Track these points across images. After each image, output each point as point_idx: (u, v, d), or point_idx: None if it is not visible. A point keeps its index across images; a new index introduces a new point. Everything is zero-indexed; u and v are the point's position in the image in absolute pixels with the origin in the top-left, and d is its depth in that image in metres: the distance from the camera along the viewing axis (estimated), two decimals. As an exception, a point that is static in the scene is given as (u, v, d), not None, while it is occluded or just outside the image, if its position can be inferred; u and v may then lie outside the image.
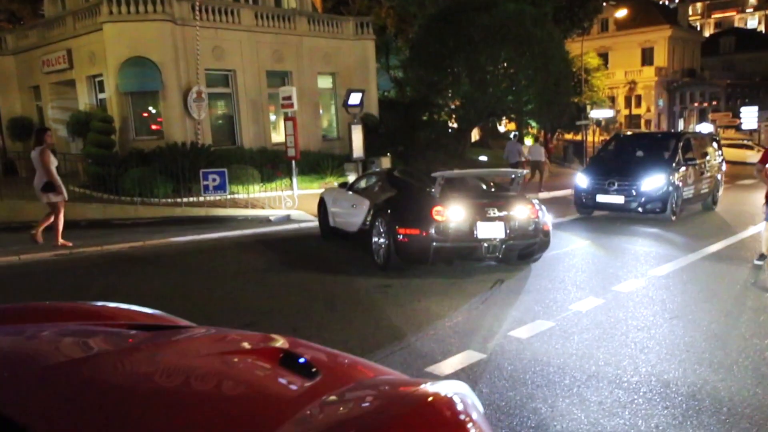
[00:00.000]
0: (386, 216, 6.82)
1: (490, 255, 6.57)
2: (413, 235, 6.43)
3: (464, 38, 22.87)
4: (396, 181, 7.91)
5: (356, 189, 8.63)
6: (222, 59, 17.36)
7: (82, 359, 1.53)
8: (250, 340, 1.83)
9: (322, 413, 1.32)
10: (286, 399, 1.41)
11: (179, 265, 8.02)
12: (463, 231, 6.42)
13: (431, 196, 6.72)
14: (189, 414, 1.29)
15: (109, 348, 1.63)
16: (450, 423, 1.34)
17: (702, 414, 3.36)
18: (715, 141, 14.83)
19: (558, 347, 4.45)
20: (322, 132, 20.65)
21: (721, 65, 62.82)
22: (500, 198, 6.97)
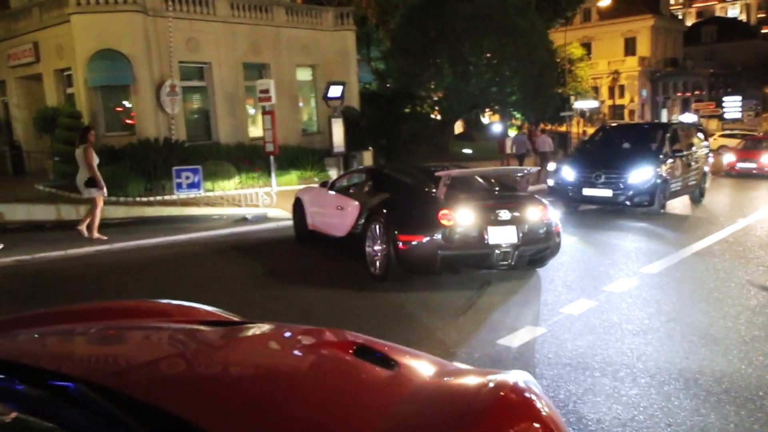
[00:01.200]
0: (384, 220, 6.07)
1: (502, 262, 5.87)
2: (417, 243, 5.72)
3: (447, 28, 22.61)
4: (389, 180, 7.17)
5: (340, 188, 7.84)
6: (196, 51, 16.89)
7: (186, 352, 1.68)
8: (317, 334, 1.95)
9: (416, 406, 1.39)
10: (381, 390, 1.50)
11: (146, 273, 7.65)
12: (472, 237, 5.75)
13: (435, 198, 6.00)
14: (311, 399, 1.39)
15: (199, 343, 1.80)
16: (532, 409, 1.48)
17: (709, 431, 3.14)
18: (700, 131, 14.75)
19: (551, 356, 4.21)
20: (301, 126, 20.26)
21: (703, 55, 63.33)
22: (510, 199, 6.25)
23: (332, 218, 7.44)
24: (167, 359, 1.59)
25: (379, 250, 6.19)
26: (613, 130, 14.76)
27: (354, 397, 1.44)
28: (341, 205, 7.20)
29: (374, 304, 5.59)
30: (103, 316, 2.11)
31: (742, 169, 19.18)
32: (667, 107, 52.97)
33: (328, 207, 7.62)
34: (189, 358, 1.63)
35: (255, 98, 16.07)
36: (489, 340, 4.55)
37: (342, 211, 7.13)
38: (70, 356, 1.66)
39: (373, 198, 6.69)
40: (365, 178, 7.43)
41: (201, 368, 1.59)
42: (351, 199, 7.09)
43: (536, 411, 1.48)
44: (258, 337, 1.90)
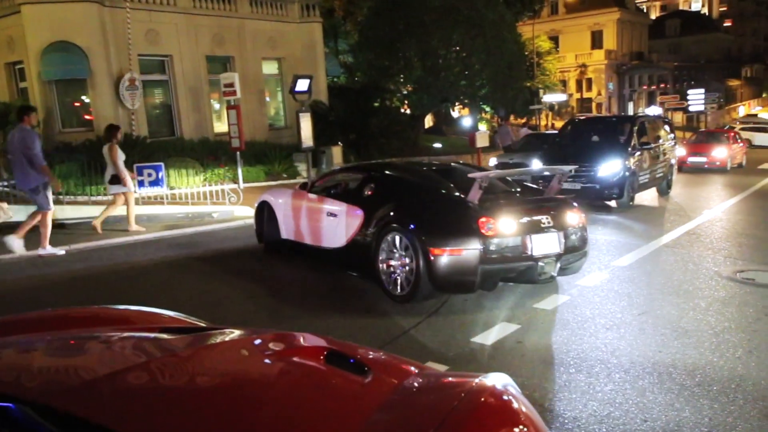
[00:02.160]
0: (408, 231, 5.19)
1: (545, 275, 5.24)
2: (455, 257, 4.94)
3: (415, 21, 22.58)
4: (397, 181, 6.16)
5: (325, 191, 6.74)
6: (157, 44, 16.49)
7: (144, 364, 1.58)
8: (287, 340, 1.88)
9: (394, 413, 1.36)
10: (355, 398, 1.46)
11: (93, 290, 7.41)
12: (516, 247, 5.05)
13: (467, 204, 5.21)
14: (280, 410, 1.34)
15: (158, 354, 1.70)
16: (513, 412, 1.47)
17: (683, 426, 3.15)
18: (666, 124, 15.05)
19: (525, 353, 4.20)
20: (268, 120, 20.00)
21: (668, 48, 64.81)
22: (547, 203, 5.58)
23: (320, 227, 6.41)
24: (125, 373, 1.49)
25: (397, 266, 5.34)
26: (582, 123, 14.96)
27: (326, 406, 1.40)
28: (333, 212, 6.19)
29: (346, 303, 5.51)
30: (57, 326, 2.00)
31: (692, 163, 18.76)
32: (633, 100, 54.06)
33: (314, 213, 6.55)
34: (150, 371, 1.54)
35: (219, 92, 15.78)
36: (463, 338, 4.52)
37: (335, 218, 6.13)
38: (12, 372, 1.53)
39: (380, 203, 5.71)
40: (364, 178, 6.34)
41: (163, 381, 1.51)
42: (348, 204, 6.05)
43: (517, 415, 1.47)
44: (225, 345, 1.82)
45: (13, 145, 7.62)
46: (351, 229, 5.87)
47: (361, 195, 6.06)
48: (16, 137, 7.61)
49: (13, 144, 7.61)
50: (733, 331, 4.57)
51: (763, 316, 4.89)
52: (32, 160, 7.49)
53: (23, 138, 7.54)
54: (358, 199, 6.02)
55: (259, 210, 7.67)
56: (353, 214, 5.90)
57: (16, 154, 7.60)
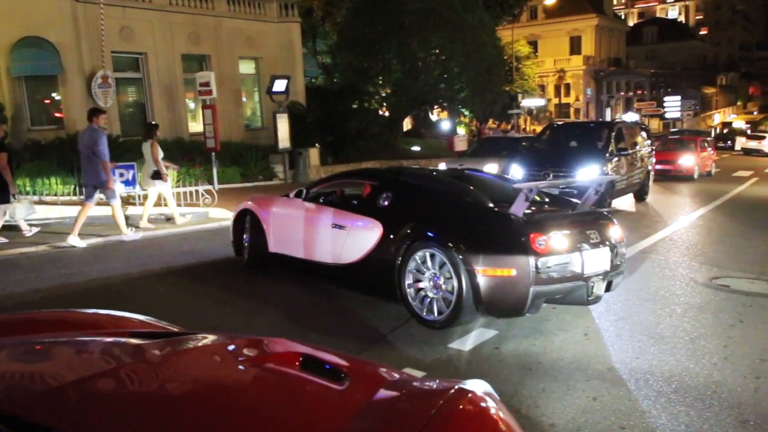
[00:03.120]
0: (447, 248, 4.60)
1: (594, 296, 4.77)
2: (505, 278, 4.40)
3: (395, 23, 22.62)
4: (418, 191, 5.49)
5: (325, 200, 6.11)
6: (131, 41, 16.27)
7: (110, 371, 1.53)
8: (261, 345, 1.84)
9: (370, 421, 1.33)
10: (330, 405, 1.43)
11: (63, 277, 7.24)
12: (569, 265, 4.56)
13: (509, 217, 4.62)
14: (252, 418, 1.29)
15: (127, 359, 1.65)
16: (491, 419, 1.46)
17: (660, 434, 3.18)
18: (644, 130, 15.31)
19: (502, 359, 4.20)
20: (244, 121, 19.86)
21: (645, 55, 66.11)
22: (591, 217, 5.12)
23: (323, 240, 5.70)
24: (94, 379, 1.44)
25: (429, 287, 4.78)
26: (561, 128, 15.17)
27: (301, 414, 1.36)
28: (341, 223, 5.51)
29: (322, 308, 5.47)
30: (22, 330, 1.93)
31: (658, 171, 17.95)
32: (611, 106, 54.93)
33: (313, 225, 5.84)
34: (119, 377, 1.50)
35: (195, 91, 15.64)
36: (440, 343, 4.51)
37: (344, 231, 5.45)
38: None
39: (404, 215, 5.14)
40: (377, 187, 5.63)
41: (133, 388, 1.47)
42: (361, 215, 5.41)
43: (496, 423, 1.46)
44: (198, 350, 1.78)
45: (83, 143, 8.41)
46: (366, 243, 5.21)
47: (376, 205, 5.37)
48: (86, 135, 8.41)
49: (83, 142, 8.42)
50: (709, 337, 4.64)
51: (737, 323, 4.97)
52: (98, 156, 8.25)
53: (92, 136, 8.31)
54: (372, 210, 5.34)
55: (239, 219, 6.89)
56: (368, 227, 5.23)
57: (85, 151, 8.36)
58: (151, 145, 9.60)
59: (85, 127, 8.72)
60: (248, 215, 6.72)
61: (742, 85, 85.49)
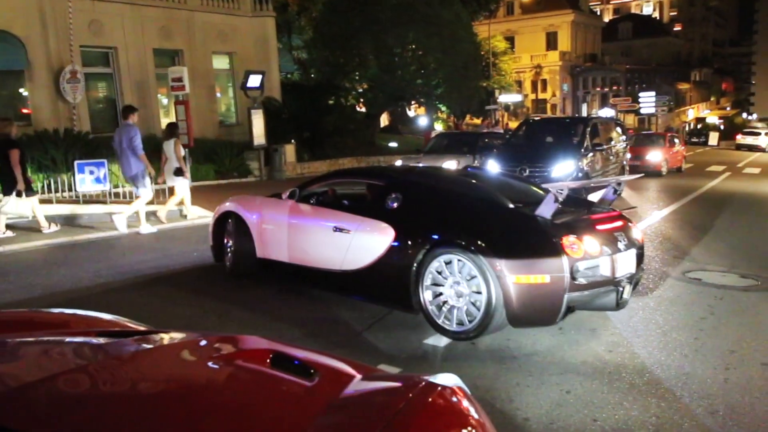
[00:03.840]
0: (473, 253, 4.28)
1: (623, 300, 4.58)
2: (539, 284, 4.15)
3: (371, 18, 22.61)
4: (435, 192, 5.17)
5: (322, 201, 5.77)
6: (101, 35, 16.00)
7: (77, 369, 1.52)
8: (232, 343, 1.84)
9: (339, 416, 1.35)
10: (298, 401, 1.44)
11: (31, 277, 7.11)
12: (601, 270, 4.34)
13: (540, 220, 4.38)
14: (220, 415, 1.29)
15: (94, 358, 1.64)
16: (461, 412, 1.48)
17: (632, 425, 3.24)
18: (619, 126, 15.52)
19: (477, 354, 4.24)
20: (219, 117, 19.68)
21: (620, 50, 67.00)
22: (616, 218, 4.90)
23: (323, 245, 5.30)
24: (58, 378, 1.42)
25: (451, 295, 4.46)
26: (537, 124, 15.31)
27: (269, 410, 1.38)
28: (344, 227, 5.11)
29: (298, 305, 5.45)
30: None
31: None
32: (587, 102, 55.61)
33: (311, 228, 5.47)
34: (84, 376, 1.48)
35: (167, 87, 15.43)
36: (416, 339, 4.53)
37: (348, 235, 5.07)
38: None
39: (419, 217, 4.84)
40: (384, 187, 5.26)
41: (98, 387, 1.45)
42: (367, 217, 5.02)
43: (465, 416, 1.48)
44: (166, 348, 1.78)
45: (119, 139, 8.96)
46: (374, 248, 4.85)
47: (385, 206, 5.00)
48: (123, 132, 8.96)
49: (120, 138, 8.96)
50: (681, 330, 4.73)
51: (708, 315, 5.08)
52: (135, 151, 8.85)
53: (128, 132, 8.89)
54: (381, 212, 4.98)
55: (220, 222, 6.38)
56: (376, 231, 4.88)
57: (122, 147, 8.91)
58: (175, 143, 9.90)
59: (120, 125, 9.24)
60: (231, 218, 6.20)
61: (715, 81, 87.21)
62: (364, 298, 5.21)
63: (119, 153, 9.06)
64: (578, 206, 5.13)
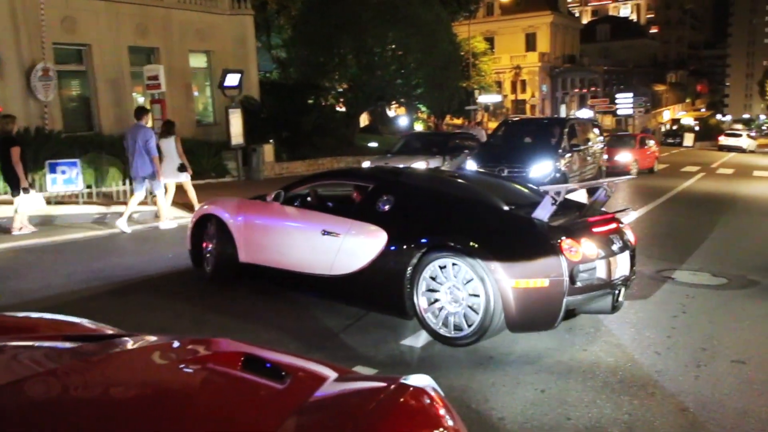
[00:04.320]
0: (470, 257, 4.22)
1: (619, 303, 4.61)
2: (539, 288, 4.10)
3: (351, 17, 22.59)
4: (428, 194, 5.09)
5: (307, 203, 5.68)
6: (74, 32, 15.75)
7: (44, 374, 1.49)
8: (203, 346, 1.84)
9: (309, 417, 1.35)
10: (268, 404, 1.44)
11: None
12: (598, 273, 4.33)
13: (536, 223, 4.34)
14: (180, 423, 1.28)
15: (62, 362, 1.61)
16: (431, 413, 1.49)
17: (604, 423, 3.29)
18: (596, 127, 15.71)
19: (454, 355, 4.27)
20: (196, 116, 19.50)
21: (598, 52, 67.81)
22: (610, 221, 4.82)
23: (310, 249, 5.17)
24: (23, 383, 1.41)
25: (448, 300, 4.38)
26: (515, 124, 15.44)
27: (238, 413, 1.37)
28: (332, 230, 5.00)
29: (275, 307, 5.43)
30: None
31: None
32: (566, 103, 56.18)
33: (297, 232, 5.34)
34: (51, 381, 1.46)
35: (143, 85, 15.26)
36: (393, 340, 4.55)
37: (336, 238, 4.95)
38: None
39: (412, 220, 4.77)
40: (374, 189, 5.13)
41: (66, 391, 1.43)
42: (357, 220, 4.92)
43: (436, 416, 1.49)
44: (135, 352, 1.76)
45: (132, 139, 9.18)
46: (366, 252, 4.75)
47: (376, 209, 4.89)
48: (137, 133, 9.15)
49: (133, 138, 9.18)
50: (654, 328, 4.82)
51: (680, 314, 5.18)
52: (149, 152, 9.10)
53: (143, 134, 9.15)
54: (372, 214, 4.87)
55: (198, 225, 6.22)
56: (368, 234, 4.78)
57: (135, 147, 9.12)
58: (176, 141, 10.11)
59: (132, 125, 9.50)
60: (211, 221, 6.03)
61: (690, 83, 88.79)
62: (355, 303, 5.11)
63: (132, 153, 9.23)
64: (571, 208, 5.07)
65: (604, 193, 5.04)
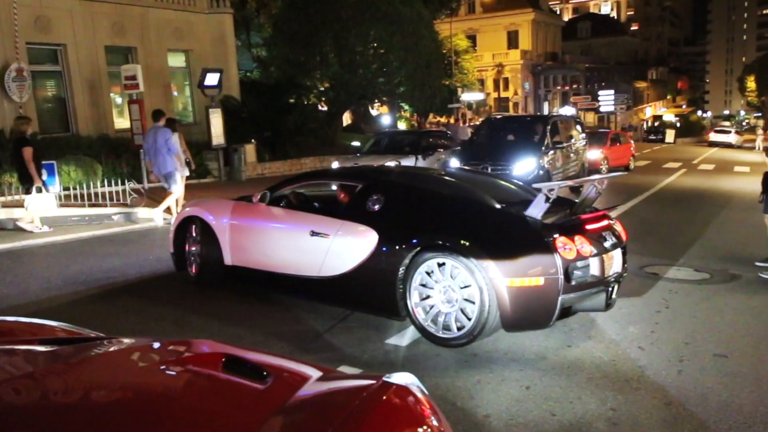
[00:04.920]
0: (463, 256, 4.18)
1: (611, 300, 4.57)
2: (534, 287, 4.08)
3: (331, 15, 22.54)
4: (419, 193, 5.02)
5: (295, 204, 5.61)
6: (48, 32, 15.52)
7: (21, 377, 1.48)
8: (183, 347, 1.83)
9: (291, 417, 1.35)
10: (248, 404, 1.42)
11: None
12: (593, 269, 4.33)
13: (529, 220, 4.33)
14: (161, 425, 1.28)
15: (39, 365, 1.59)
16: (415, 411, 1.50)
17: (589, 419, 3.32)
18: (578, 124, 15.84)
19: (439, 353, 4.27)
20: (175, 116, 19.28)
21: (580, 49, 68.36)
22: (601, 218, 4.77)
23: (299, 250, 5.09)
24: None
25: (442, 300, 4.34)
26: (498, 122, 15.54)
27: (219, 414, 1.37)
28: (321, 231, 4.92)
29: (259, 308, 5.40)
30: None
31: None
32: (548, 100, 56.60)
33: (285, 233, 5.28)
34: (28, 384, 1.45)
35: (121, 85, 15.08)
36: (378, 339, 4.55)
37: (325, 239, 4.87)
38: None
39: (403, 219, 4.72)
40: (363, 188, 5.06)
41: (43, 395, 1.42)
42: (347, 220, 4.86)
43: (419, 414, 1.49)
44: (115, 354, 1.75)
45: (153, 140, 9.84)
46: (356, 253, 4.69)
47: (366, 209, 4.83)
48: (157, 133, 9.83)
49: (153, 139, 9.85)
50: (637, 323, 4.88)
51: (663, 309, 5.25)
52: (170, 150, 9.78)
53: (164, 134, 9.82)
54: (361, 214, 4.81)
55: (181, 228, 6.09)
56: (358, 234, 4.72)
57: (156, 146, 9.78)
58: (179, 137, 10.58)
59: (151, 127, 10.30)
60: (195, 223, 5.93)
61: (671, 80, 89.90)
62: (345, 305, 5.06)
63: (153, 152, 9.87)
64: (561, 206, 5.00)
65: (595, 190, 4.99)
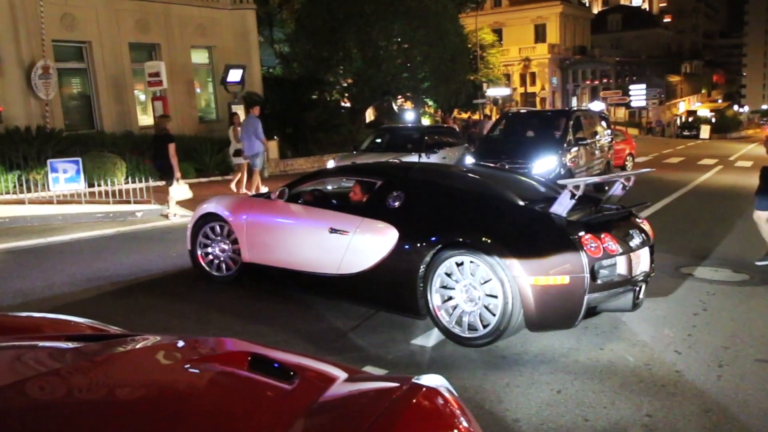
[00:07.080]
0: (487, 254, 4.13)
1: (640, 300, 4.54)
2: (560, 286, 4.02)
3: (355, 10, 22.54)
4: (440, 190, 5.04)
5: (314, 201, 5.67)
6: (74, 29, 15.80)
7: (49, 374, 1.49)
8: (209, 346, 1.85)
9: (319, 419, 1.34)
10: (277, 405, 1.43)
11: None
12: (620, 269, 4.29)
13: (554, 218, 4.25)
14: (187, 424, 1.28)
15: (67, 362, 1.61)
16: (445, 414, 1.48)
17: (624, 425, 3.24)
18: (604, 119, 15.42)
19: (467, 354, 4.23)
20: (198, 113, 19.53)
21: (610, 43, 67.37)
22: (624, 213, 4.80)
23: (318, 247, 5.11)
24: (28, 383, 1.40)
25: (463, 298, 4.30)
26: (516, 117, 14.84)
27: (246, 414, 1.36)
28: (340, 227, 4.94)
29: (280, 306, 5.41)
30: None
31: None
32: (577, 95, 55.89)
33: (303, 230, 5.28)
34: (56, 381, 1.45)
35: (144, 82, 15.31)
36: (403, 340, 4.51)
37: (345, 236, 4.89)
38: None
39: (424, 216, 4.70)
40: (383, 185, 5.05)
41: (71, 392, 1.42)
42: (367, 217, 4.85)
43: (451, 417, 1.47)
44: (141, 352, 1.74)
45: (246, 127, 12.15)
46: (376, 250, 4.69)
47: (386, 205, 4.83)
48: (249, 122, 12.13)
49: (246, 126, 12.17)
50: (673, 326, 4.76)
51: (701, 311, 5.12)
52: (258, 136, 11.98)
53: (254, 123, 12.04)
54: (381, 211, 4.81)
55: (199, 225, 6.11)
56: (378, 231, 4.72)
57: (247, 132, 12.02)
58: (234, 130, 12.71)
59: (246, 117, 12.72)
60: (213, 220, 6.00)
61: (706, 73, 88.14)
62: (364, 303, 5.05)
63: (245, 137, 11.99)
64: (586, 203, 4.88)
65: (621, 187, 4.91)
